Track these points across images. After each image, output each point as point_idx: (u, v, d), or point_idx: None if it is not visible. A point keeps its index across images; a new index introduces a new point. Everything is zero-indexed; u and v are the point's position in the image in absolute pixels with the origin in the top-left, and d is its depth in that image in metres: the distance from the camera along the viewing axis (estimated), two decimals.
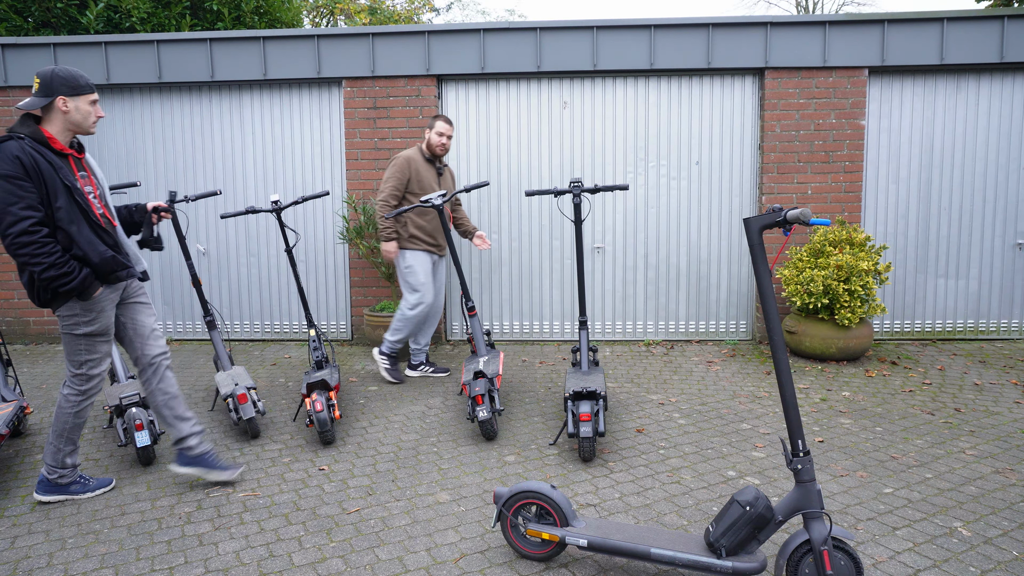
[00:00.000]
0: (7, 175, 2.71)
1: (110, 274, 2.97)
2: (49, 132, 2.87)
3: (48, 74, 2.82)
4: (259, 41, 6.08)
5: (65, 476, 3.18)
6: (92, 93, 2.92)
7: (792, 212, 2.21)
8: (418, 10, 16.53)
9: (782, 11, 22.12)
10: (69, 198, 2.83)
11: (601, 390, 3.68)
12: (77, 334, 2.99)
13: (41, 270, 2.75)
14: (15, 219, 2.72)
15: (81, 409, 3.12)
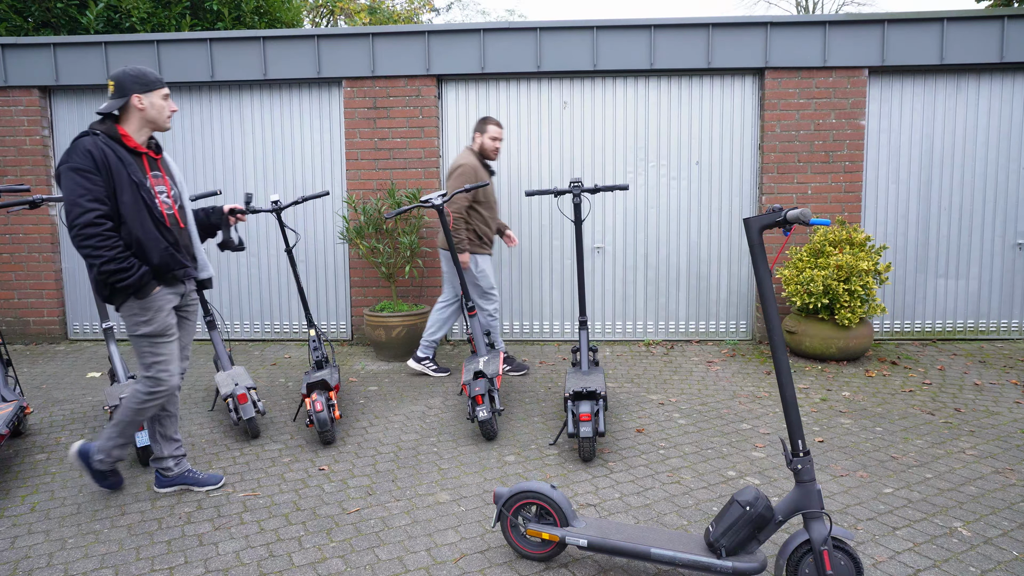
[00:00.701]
0: (78, 168, 2.77)
1: (168, 273, 2.98)
2: (125, 130, 2.93)
3: (120, 75, 2.88)
4: (259, 41, 6.08)
5: (104, 462, 3.16)
6: (163, 88, 2.97)
7: (792, 212, 2.21)
8: (418, 10, 16.53)
9: (782, 11, 22.12)
10: (135, 194, 2.86)
11: (601, 390, 3.68)
12: (139, 335, 2.98)
13: (101, 263, 2.79)
14: (82, 211, 2.76)
15: (144, 408, 3.07)
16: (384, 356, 5.75)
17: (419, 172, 6.16)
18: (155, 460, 3.30)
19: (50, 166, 6.41)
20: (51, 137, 6.44)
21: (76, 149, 2.81)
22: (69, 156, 2.80)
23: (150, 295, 2.94)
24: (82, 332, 6.65)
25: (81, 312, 6.63)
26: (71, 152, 2.81)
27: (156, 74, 2.96)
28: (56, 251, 6.48)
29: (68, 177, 2.79)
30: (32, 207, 3.83)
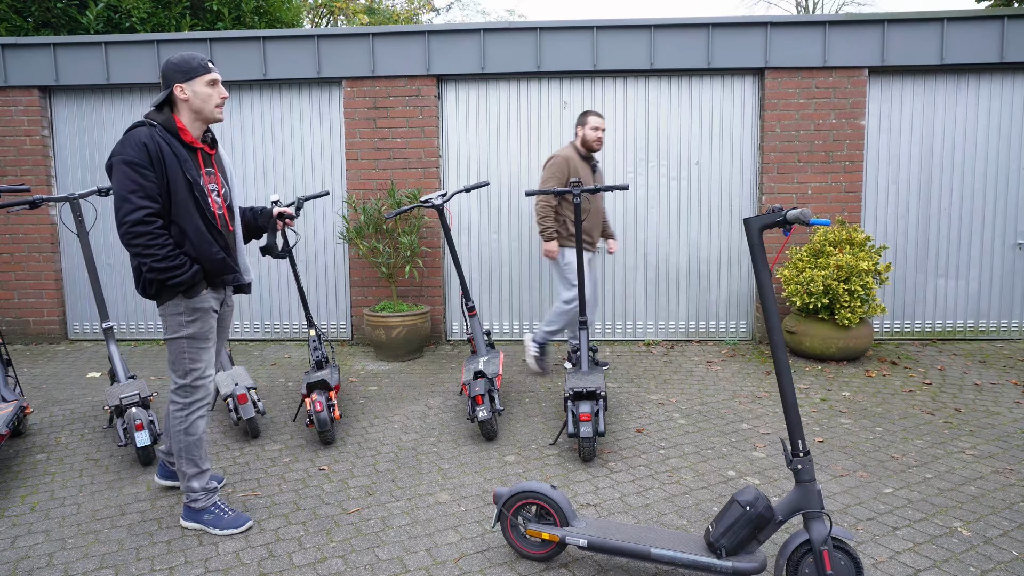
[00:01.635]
0: (131, 161, 2.60)
1: (216, 276, 2.84)
2: (182, 122, 2.75)
3: (164, 64, 2.72)
4: (259, 41, 6.08)
5: (198, 500, 2.95)
6: (207, 73, 2.73)
7: (792, 212, 2.21)
8: (418, 10, 16.52)
9: (782, 11, 22.12)
10: (188, 193, 2.70)
11: (601, 390, 3.68)
12: (181, 336, 2.82)
13: (152, 262, 2.64)
14: (132, 208, 2.61)
15: (190, 424, 2.89)
16: (384, 356, 5.75)
17: (419, 172, 6.15)
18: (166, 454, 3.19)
19: (50, 166, 6.41)
20: (51, 137, 6.44)
21: (130, 140, 2.63)
22: (123, 147, 2.62)
23: (199, 295, 2.79)
24: (82, 332, 6.65)
25: (81, 312, 6.63)
26: (125, 143, 2.63)
27: (202, 59, 2.73)
28: (56, 251, 6.48)
29: (119, 170, 2.61)
30: (32, 207, 3.83)
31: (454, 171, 6.26)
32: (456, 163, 6.25)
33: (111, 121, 6.40)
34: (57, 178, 6.49)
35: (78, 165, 6.46)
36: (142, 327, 6.61)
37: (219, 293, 2.94)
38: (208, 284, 2.85)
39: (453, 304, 6.43)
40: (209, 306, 2.85)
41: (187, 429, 2.90)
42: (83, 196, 3.97)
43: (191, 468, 2.93)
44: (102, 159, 6.44)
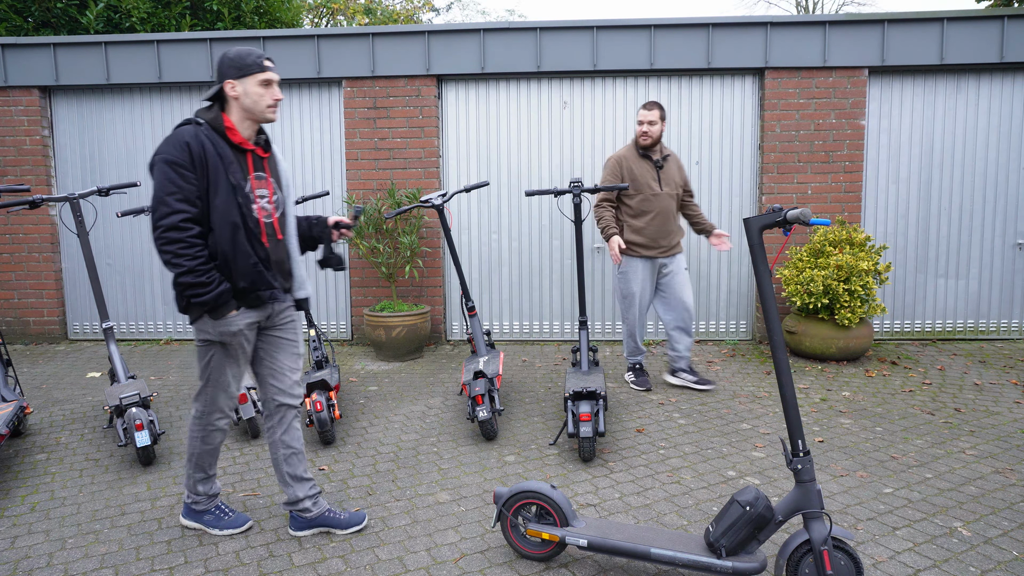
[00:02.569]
0: (172, 161, 2.45)
1: (251, 293, 2.61)
2: (231, 121, 2.57)
3: (220, 58, 2.55)
4: (259, 41, 6.08)
5: (199, 503, 2.90)
6: (262, 72, 2.54)
7: (792, 212, 2.21)
8: (418, 10, 16.52)
9: (782, 11, 22.12)
10: (230, 199, 2.51)
11: (601, 390, 3.68)
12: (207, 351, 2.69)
13: (179, 272, 2.46)
14: (168, 211, 2.44)
15: (208, 435, 2.80)
16: (384, 356, 5.75)
17: (419, 172, 6.16)
18: (290, 504, 2.89)
19: (50, 166, 6.41)
20: (51, 137, 6.44)
21: (174, 139, 2.48)
22: (166, 146, 2.47)
23: (225, 317, 2.57)
24: (82, 332, 6.65)
25: (81, 312, 6.63)
26: (168, 141, 2.48)
27: (259, 56, 2.55)
28: (56, 251, 6.48)
29: (160, 170, 2.46)
30: (32, 207, 3.83)
31: (454, 171, 6.26)
32: (456, 163, 6.25)
33: (111, 121, 6.40)
34: (57, 178, 6.49)
35: (78, 165, 6.46)
36: (142, 327, 6.61)
37: (261, 310, 2.69)
38: (243, 302, 2.62)
39: (453, 304, 6.43)
40: (237, 330, 2.63)
41: (204, 438, 2.80)
42: (83, 196, 3.97)
43: (199, 473, 2.87)
44: (102, 159, 6.44)
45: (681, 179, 4.66)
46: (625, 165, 4.51)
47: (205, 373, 2.73)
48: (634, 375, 4.87)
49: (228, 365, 2.72)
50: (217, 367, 2.70)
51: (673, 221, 4.59)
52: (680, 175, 4.65)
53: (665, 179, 4.56)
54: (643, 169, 4.51)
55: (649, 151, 4.53)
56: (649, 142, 4.48)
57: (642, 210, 4.50)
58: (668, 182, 4.56)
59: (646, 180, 4.50)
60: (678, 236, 4.66)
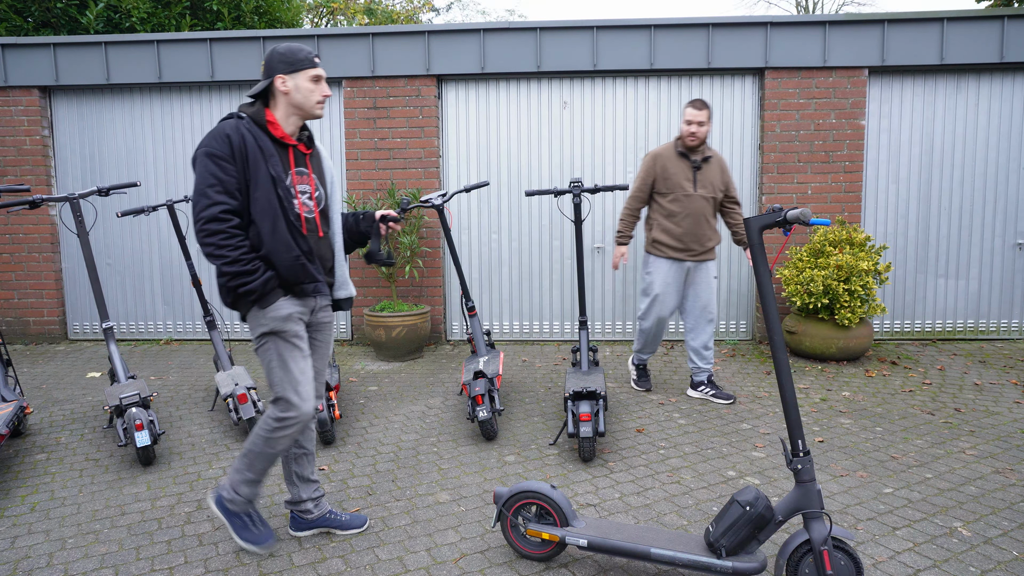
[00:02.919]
0: (212, 154, 2.45)
1: (294, 285, 2.57)
2: (273, 116, 2.57)
3: (269, 53, 2.55)
4: (259, 41, 6.08)
5: (236, 503, 2.69)
6: (313, 68, 2.56)
7: (792, 212, 2.21)
8: (418, 10, 16.52)
9: (782, 11, 22.12)
10: (270, 191, 2.49)
11: (601, 390, 3.68)
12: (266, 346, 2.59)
13: (222, 263, 2.44)
14: (209, 203, 2.43)
15: (275, 437, 2.62)
16: (384, 356, 5.75)
17: (419, 172, 6.16)
18: (292, 504, 2.89)
19: (50, 166, 6.41)
20: (51, 137, 6.44)
21: (215, 132, 2.48)
22: (207, 139, 2.48)
23: (273, 304, 2.54)
24: (82, 332, 6.65)
25: (81, 312, 6.63)
26: (210, 135, 2.49)
27: (308, 52, 2.55)
28: (56, 251, 6.48)
29: (202, 163, 2.46)
30: (32, 207, 3.83)
31: (454, 171, 6.26)
32: (456, 163, 6.25)
33: (111, 121, 6.40)
34: (57, 178, 6.49)
35: (78, 165, 6.46)
36: (142, 327, 6.61)
37: (305, 303, 2.64)
38: (287, 292, 2.58)
39: (453, 304, 6.43)
40: (288, 313, 2.57)
41: (268, 441, 2.63)
42: (83, 196, 3.97)
43: (251, 474, 2.67)
44: (102, 159, 6.44)
45: (722, 183, 4.43)
46: (659, 163, 4.35)
47: (273, 375, 2.61)
48: (636, 373, 4.83)
49: (292, 358, 2.60)
50: (280, 361, 2.60)
51: (707, 225, 4.37)
52: (722, 178, 4.43)
53: (702, 181, 4.35)
54: (678, 168, 4.34)
55: (691, 151, 4.34)
56: (696, 143, 4.28)
57: (672, 211, 4.35)
58: (705, 184, 4.35)
59: (678, 180, 4.33)
60: (712, 241, 4.44)
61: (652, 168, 4.37)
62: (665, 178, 4.35)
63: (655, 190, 4.40)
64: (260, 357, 2.63)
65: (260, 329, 2.57)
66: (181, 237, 4.53)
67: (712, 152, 4.42)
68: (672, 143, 4.40)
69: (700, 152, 4.35)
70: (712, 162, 4.39)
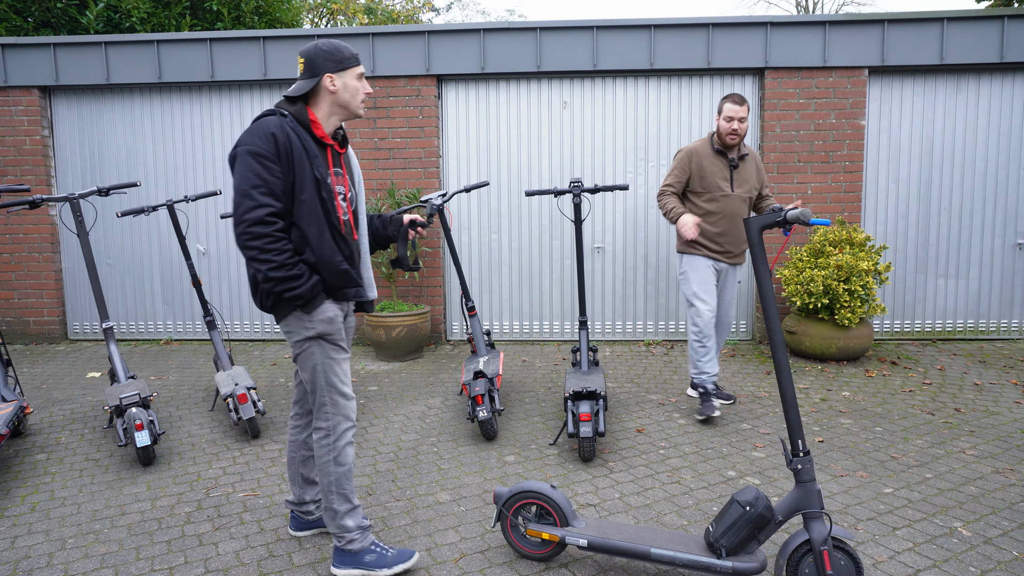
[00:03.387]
0: (257, 153, 2.33)
1: (338, 290, 2.52)
2: (315, 115, 2.48)
3: (311, 51, 2.43)
4: (259, 41, 6.08)
5: (354, 541, 2.56)
6: (359, 65, 2.50)
7: (792, 212, 2.21)
8: (418, 10, 16.53)
9: (782, 11, 22.12)
10: (316, 194, 2.41)
11: (601, 390, 3.68)
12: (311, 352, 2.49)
13: (268, 269, 2.33)
14: (253, 205, 2.31)
15: (340, 452, 2.53)
16: (384, 356, 5.75)
17: (419, 172, 6.16)
18: (294, 504, 2.86)
19: (50, 166, 6.41)
20: (51, 137, 6.44)
21: (258, 130, 2.36)
22: (250, 136, 2.35)
23: (319, 307, 2.46)
24: (82, 332, 6.65)
25: (81, 312, 6.63)
26: (252, 132, 2.36)
27: (351, 49, 2.48)
28: (56, 251, 6.48)
29: (244, 162, 2.34)
30: (32, 207, 3.83)
31: (454, 171, 6.26)
32: (456, 163, 6.25)
33: (111, 121, 6.40)
34: (57, 178, 6.49)
35: (78, 165, 6.46)
36: (142, 327, 6.61)
37: (342, 306, 2.58)
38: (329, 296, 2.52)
39: (453, 304, 6.43)
40: (334, 315, 2.50)
41: (337, 458, 2.53)
42: (83, 196, 3.97)
43: (343, 504, 2.55)
44: (102, 159, 6.44)
45: (759, 181, 4.23)
46: (695, 160, 4.10)
47: (317, 380, 2.51)
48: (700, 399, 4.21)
49: (335, 361, 2.53)
50: (325, 366, 2.51)
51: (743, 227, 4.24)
52: (758, 177, 4.22)
53: (739, 180, 4.13)
54: (715, 167, 4.09)
55: (728, 148, 4.11)
56: (737, 141, 4.06)
57: (708, 211, 4.13)
58: (742, 183, 4.13)
59: (715, 179, 4.09)
60: (743, 244, 4.26)
61: (687, 165, 4.11)
62: (701, 177, 4.10)
63: (689, 188, 4.16)
64: (302, 362, 2.52)
65: (305, 333, 2.47)
66: (181, 237, 4.53)
67: (748, 149, 4.22)
68: (707, 139, 4.15)
69: (737, 150, 4.14)
70: (748, 160, 4.17)
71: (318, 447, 2.54)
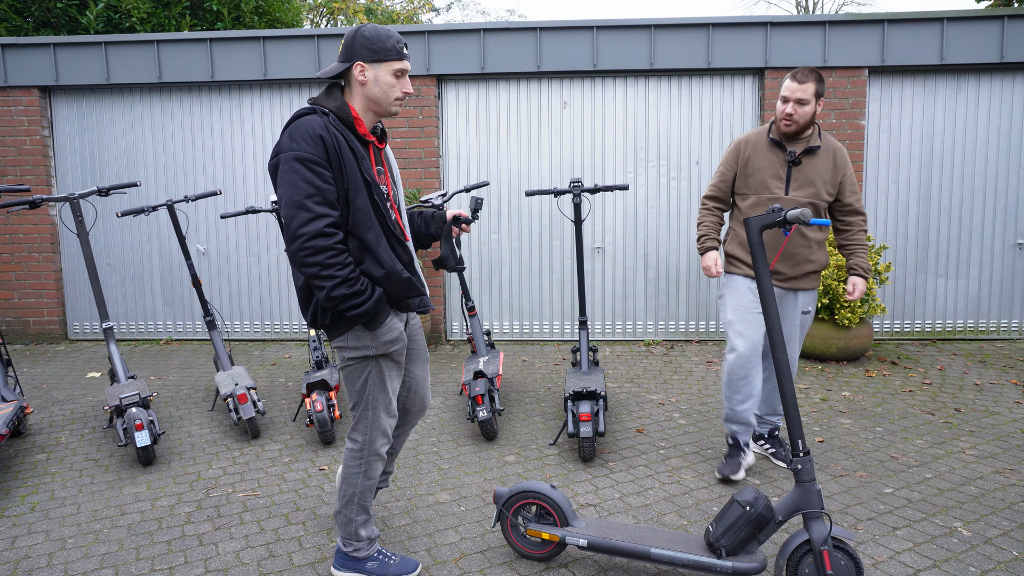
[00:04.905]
0: (306, 159, 2.11)
1: (401, 300, 2.34)
2: (356, 111, 2.26)
3: (351, 34, 2.23)
4: (259, 41, 6.08)
5: (361, 550, 2.51)
6: (400, 60, 2.24)
7: (792, 212, 2.21)
8: (418, 10, 16.53)
9: (782, 11, 22.12)
10: (369, 197, 2.22)
11: (601, 390, 3.68)
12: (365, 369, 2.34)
13: (332, 286, 2.12)
14: (311, 216, 2.10)
15: (370, 467, 2.44)
16: None
17: (419, 172, 6.16)
18: None
19: (50, 166, 6.41)
20: (51, 137, 6.44)
21: (302, 131, 2.13)
22: (293, 140, 2.13)
23: (384, 324, 2.29)
24: (82, 332, 6.65)
25: (81, 312, 6.63)
26: (295, 135, 2.13)
27: (398, 40, 2.24)
28: (56, 251, 6.48)
29: (291, 169, 2.11)
30: (32, 207, 3.83)
31: (454, 171, 6.26)
32: (456, 163, 6.25)
33: (111, 121, 6.40)
34: (57, 178, 6.49)
35: (78, 165, 6.46)
36: (142, 327, 6.61)
37: (402, 316, 2.44)
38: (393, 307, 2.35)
39: (453, 304, 6.43)
40: (399, 333, 2.35)
41: (367, 472, 2.44)
42: (83, 196, 3.97)
43: (361, 515, 2.48)
44: (102, 159, 6.44)
45: (832, 185, 3.22)
46: (744, 153, 3.28)
47: (363, 395, 2.37)
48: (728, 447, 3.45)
49: (389, 379, 2.38)
50: (377, 385, 2.36)
51: (800, 241, 3.22)
52: (833, 180, 3.22)
53: (799, 180, 3.19)
54: (768, 162, 3.22)
55: (787, 139, 3.21)
56: (793, 129, 3.13)
57: None
58: (803, 185, 3.19)
59: (764, 177, 3.22)
60: (812, 264, 3.26)
61: (735, 158, 3.31)
62: (747, 174, 3.27)
63: (735, 189, 3.34)
64: (351, 376, 2.36)
65: (364, 352, 2.30)
66: (181, 237, 4.53)
67: (823, 142, 3.23)
68: (764, 129, 3.29)
69: (802, 141, 3.20)
70: (820, 157, 3.20)
71: (349, 456, 2.44)
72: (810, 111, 3.10)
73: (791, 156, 3.17)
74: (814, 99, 3.09)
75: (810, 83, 3.07)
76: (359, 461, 2.43)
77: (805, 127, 3.14)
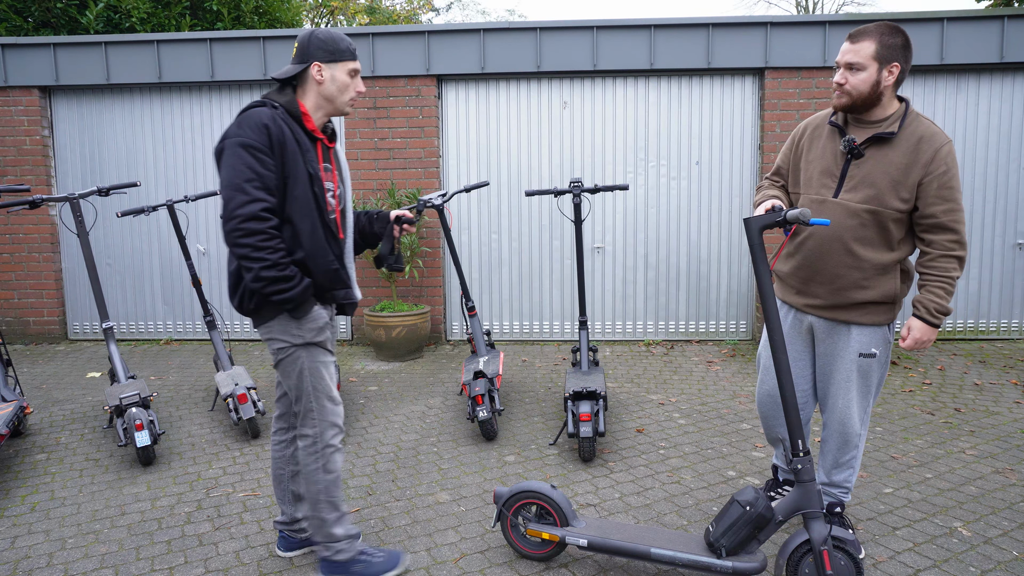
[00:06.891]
0: (249, 145, 2.21)
1: (327, 291, 2.41)
2: (305, 107, 2.37)
3: (305, 36, 2.34)
4: (259, 41, 6.08)
5: (342, 551, 2.48)
6: (354, 61, 2.37)
7: (792, 212, 2.20)
8: (418, 10, 16.52)
9: (782, 11, 22.11)
10: (309, 190, 2.30)
11: (601, 390, 3.68)
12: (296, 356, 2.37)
13: (260, 268, 2.20)
14: (248, 200, 2.18)
15: (328, 460, 2.44)
16: (384, 356, 5.75)
17: (419, 172, 6.16)
18: (285, 524, 2.70)
19: (50, 166, 6.41)
20: (51, 137, 6.44)
21: (250, 120, 2.24)
22: (239, 128, 2.23)
23: (309, 314, 2.35)
24: (82, 332, 6.65)
25: (81, 312, 6.63)
26: (242, 123, 2.24)
27: (350, 43, 2.37)
28: (56, 251, 6.48)
29: (235, 154, 2.21)
30: (32, 207, 3.83)
31: (454, 171, 6.26)
32: (456, 163, 6.25)
33: (111, 121, 6.40)
34: (57, 178, 6.49)
35: (78, 165, 6.46)
36: (142, 327, 6.61)
37: (329, 309, 2.48)
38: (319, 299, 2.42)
39: (453, 304, 6.43)
40: (324, 322, 2.41)
41: (326, 465, 2.43)
42: (83, 196, 3.97)
43: (332, 512, 2.46)
44: (102, 159, 6.44)
45: (905, 187, 2.38)
46: (804, 138, 2.65)
47: (303, 386, 2.40)
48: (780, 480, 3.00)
49: (323, 365, 2.43)
50: (312, 372, 2.40)
51: (847, 258, 2.48)
52: (904, 176, 2.38)
53: (855, 179, 2.45)
54: (821, 152, 2.55)
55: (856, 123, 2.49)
56: (845, 102, 2.43)
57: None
58: (860, 186, 2.44)
59: (813, 172, 2.56)
60: (860, 293, 2.49)
61: (789, 149, 2.70)
62: (797, 167, 2.64)
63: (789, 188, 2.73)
64: (286, 369, 2.40)
65: (291, 340, 2.36)
66: (181, 237, 4.53)
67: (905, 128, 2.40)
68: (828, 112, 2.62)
69: (870, 126, 2.45)
70: (896, 146, 2.40)
71: (304, 455, 2.44)
72: (868, 80, 2.35)
73: (847, 145, 2.38)
74: (876, 64, 2.33)
75: (866, 41, 2.33)
76: (315, 456, 2.43)
77: (867, 102, 2.39)
